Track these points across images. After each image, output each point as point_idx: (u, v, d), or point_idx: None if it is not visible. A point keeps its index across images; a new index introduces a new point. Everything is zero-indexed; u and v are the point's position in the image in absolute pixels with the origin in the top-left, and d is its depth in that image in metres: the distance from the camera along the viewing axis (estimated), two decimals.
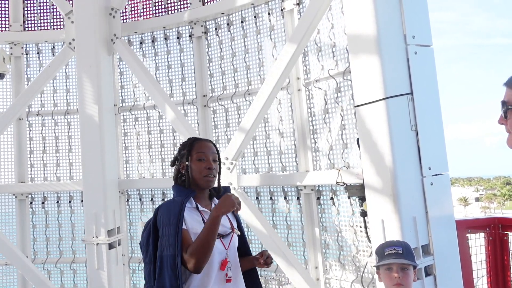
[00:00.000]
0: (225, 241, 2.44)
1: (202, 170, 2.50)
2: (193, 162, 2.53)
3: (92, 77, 4.78)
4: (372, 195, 3.07)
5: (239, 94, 4.64)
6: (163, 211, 2.42)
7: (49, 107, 5.63)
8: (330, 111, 3.94)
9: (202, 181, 2.51)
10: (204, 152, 2.54)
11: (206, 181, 2.51)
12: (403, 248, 2.39)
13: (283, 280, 4.41)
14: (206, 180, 2.51)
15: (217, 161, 2.60)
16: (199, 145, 2.58)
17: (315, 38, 4.04)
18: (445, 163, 3.13)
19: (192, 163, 2.53)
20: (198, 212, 2.46)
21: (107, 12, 4.95)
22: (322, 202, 4.12)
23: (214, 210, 2.33)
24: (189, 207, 2.45)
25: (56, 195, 5.54)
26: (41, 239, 5.54)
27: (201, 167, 2.50)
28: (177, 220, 2.33)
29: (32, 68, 5.66)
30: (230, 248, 2.46)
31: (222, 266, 2.38)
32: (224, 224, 2.49)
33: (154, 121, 5.19)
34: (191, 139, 2.66)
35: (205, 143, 2.62)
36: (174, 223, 2.33)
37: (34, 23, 5.64)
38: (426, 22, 3.18)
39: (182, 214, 2.35)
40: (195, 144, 2.58)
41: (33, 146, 5.63)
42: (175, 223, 2.32)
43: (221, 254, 2.41)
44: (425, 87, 3.08)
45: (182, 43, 5.03)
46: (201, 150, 2.55)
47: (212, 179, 2.53)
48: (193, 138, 2.70)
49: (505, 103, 1.41)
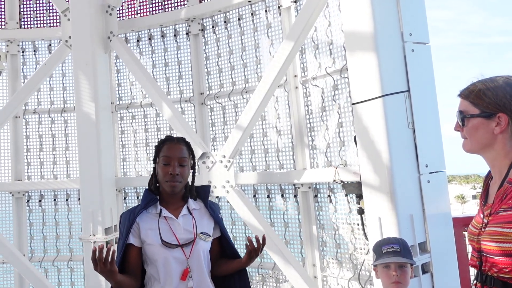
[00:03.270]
0: (187, 249, 2.33)
1: (165, 175, 2.38)
2: (159, 165, 2.42)
3: (89, 75, 4.76)
4: (369, 193, 3.08)
5: (236, 92, 4.63)
6: (122, 220, 2.44)
7: (45, 105, 5.61)
8: (327, 109, 3.94)
9: (165, 186, 2.40)
10: (169, 156, 2.40)
11: (169, 186, 2.39)
12: (401, 246, 2.39)
13: (281, 278, 4.41)
14: (169, 185, 2.38)
15: (185, 166, 2.42)
16: (166, 148, 2.44)
17: (312, 36, 4.03)
18: (442, 161, 3.13)
19: (158, 167, 2.43)
20: (159, 218, 2.37)
21: (103, 10, 4.93)
22: (319, 200, 4.12)
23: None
24: (152, 213, 2.40)
25: (53, 193, 5.52)
26: (38, 237, 5.53)
27: (165, 172, 2.38)
28: (126, 233, 2.34)
29: (29, 65, 5.64)
30: (193, 255, 2.33)
31: (183, 276, 2.29)
32: (189, 229, 2.38)
33: (151, 119, 5.18)
34: (162, 140, 2.52)
35: (173, 145, 2.45)
36: (124, 235, 2.36)
37: (30, 21, 5.61)
38: (423, 20, 3.18)
39: (131, 227, 2.34)
40: (163, 146, 2.45)
41: (29, 144, 5.61)
42: (124, 235, 2.35)
43: (182, 264, 2.31)
44: (422, 85, 3.08)
45: (179, 40, 5.02)
46: (166, 154, 2.41)
47: (175, 185, 2.38)
48: (164, 138, 2.55)
49: (462, 112, 1.64)
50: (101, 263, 2.08)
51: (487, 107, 1.58)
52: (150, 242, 2.32)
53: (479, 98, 1.60)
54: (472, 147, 1.64)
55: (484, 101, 1.59)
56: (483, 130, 1.59)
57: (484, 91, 1.60)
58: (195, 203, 2.52)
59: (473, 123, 1.61)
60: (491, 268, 1.54)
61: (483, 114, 1.59)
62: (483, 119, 1.59)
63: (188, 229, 2.38)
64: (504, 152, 1.58)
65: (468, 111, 1.62)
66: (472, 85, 1.64)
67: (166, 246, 2.31)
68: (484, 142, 1.60)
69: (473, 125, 1.61)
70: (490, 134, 1.58)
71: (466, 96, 1.64)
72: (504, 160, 1.59)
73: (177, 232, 2.35)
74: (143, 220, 2.38)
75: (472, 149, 1.64)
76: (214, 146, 4.79)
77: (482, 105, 1.59)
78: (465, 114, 1.63)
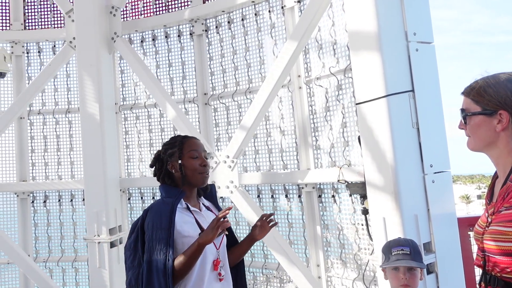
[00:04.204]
0: (217, 241, 2.41)
1: (197, 168, 2.46)
2: (186, 160, 2.46)
3: (93, 76, 4.78)
4: (373, 193, 3.06)
5: (240, 92, 4.63)
6: (152, 214, 2.36)
7: (50, 105, 5.63)
8: (331, 109, 3.93)
9: (197, 178, 2.46)
10: (197, 150, 2.50)
11: (202, 178, 2.47)
12: (411, 248, 2.35)
13: (285, 278, 4.41)
14: (202, 177, 2.47)
15: (208, 158, 2.58)
16: (191, 143, 2.52)
17: (316, 36, 4.03)
18: (447, 161, 3.11)
19: (186, 161, 2.46)
20: (189, 212, 2.42)
21: (107, 11, 4.94)
22: (323, 200, 4.11)
23: (200, 237, 2.23)
24: (180, 207, 2.41)
25: (57, 193, 5.54)
26: (42, 237, 5.55)
27: (196, 165, 2.46)
28: (169, 224, 2.29)
29: (33, 66, 5.66)
30: (221, 248, 2.46)
31: (215, 267, 2.38)
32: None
33: (155, 119, 5.18)
34: (179, 137, 2.58)
35: (195, 140, 2.56)
36: (165, 227, 2.29)
37: (35, 22, 5.64)
38: (427, 19, 3.16)
39: (173, 218, 2.31)
40: (186, 142, 2.52)
41: (34, 145, 5.64)
42: (166, 228, 2.28)
43: (213, 254, 2.40)
44: (427, 84, 3.06)
45: (182, 41, 5.02)
46: (194, 148, 2.50)
47: (207, 176, 2.50)
48: (181, 136, 2.62)
49: (464, 110, 1.62)
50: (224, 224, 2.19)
51: (488, 104, 1.56)
52: (187, 234, 2.33)
53: (480, 95, 1.58)
54: (476, 145, 1.62)
55: (484, 98, 1.57)
56: (485, 127, 1.57)
57: (485, 88, 1.58)
58: (205, 200, 2.62)
59: (475, 121, 1.59)
60: (494, 267, 1.52)
61: (484, 111, 1.57)
62: (485, 117, 1.57)
63: None
64: (507, 150, 1.56)
65: (470, 109, 1.61)
66: (474, 82, 1.62)
67: None
68: (487, 140, 1.58)
69: (475, 123, 1.59)
70: (492, 132, 1.56)
71: (468, 94, 1.62)
72: (508, 158, 1.57)
73: (205, 225, 2.38)
74: (177, 213, 2.37)
75: (476, 147, 1.62)
76: (218, 146, 4.79)
77: (483, 102, 1.57)
78: (467, 112, 1.61)
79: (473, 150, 1.64)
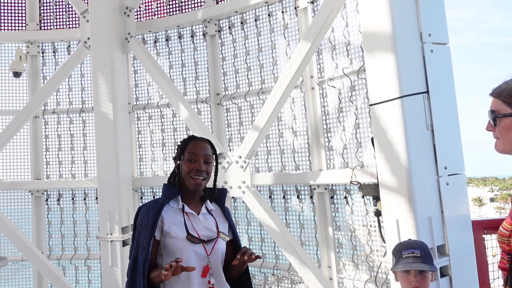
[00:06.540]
0: (208, 246, 2.35)
1: (190, 171, 2.40)
2: (184, 162, 2.43)
3: (107, 76, 4.82)
4: (386, 195, 3.05)
5: (252, 93, 4.63)
6: (143, 212, 2.39)
7: (64, 105, 5.70)
8: (344, 110, 3.92)
9: (189, 182, 2.41)
10: (196, 153, 2.43)
11: (193, 184, 2.40)
12: (422, 251, 2.33)
13: (296, 279, 4.40)
14: (193, 182, 2.40)
15: (210, 163, 2.47)
16: (193, 145, 2.47)
17: (329, 36, 4.02)
18: (461, 163, 3.09)
19: (183, 163, 2.44)
20: (182, 213, 2.39)
21: (121, 11, 4.99)
22: (335, 201, 4.10)
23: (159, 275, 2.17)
24: (173, 208, 2.41)
25: (71, 192, 5.60)
26: (56, 235, 5.62)
27: (190, 168, 2.40)
28: (152, 225, 2.30)
29: (48, 66, 5.73)
30: (213, 253, 2.36)
31: (203, 273, 2.31)
32: (210, 228, 2.41)
33: (168, 119, 5.21)
34: (188, 138, 2.56)
35: (199, 143, 2.49)
36: (149, 227, 2.31)
37: (50, 22, 5.71)
38: (442, 20, 3.14)
39: (157, 219, 2.32)
40: (189, 144, 2.48)
41: (48, 143, 5.70)
42: (150, 227, 2.31)
43: (203, 260, 2.33)
44: (442, 86, 3.04)
45: (195, 41, 5.05)
46: (193, 151, 2.44)
47: (199, 182, 2.40)
48: (190, 136, 2.59)
49: (493, 112, 1.59)
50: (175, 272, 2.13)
51: None
52: (174, 235, 2.32)
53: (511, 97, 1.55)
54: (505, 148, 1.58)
55: None
56: None
57: None
58: (212, 204, 2.54)
59: (505, 123, 1.56)
60: None
61: None
62: None
63: (209, 227, 2.40)
64: None
65: (500, 110, 1.57)
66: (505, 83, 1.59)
67: (189, 241, 2.32)
68: None
69: (505, 124, 1.56)
70: None
71: (498, 95, 1.58)
72: None
73: (199, 229, 2.37)
74: (166, 213, 2.38)
75: (505, 149, 1.59)
76: (230, 146, 4.81)
77: None
78: (497, 113, 1.57)
79: (502, 153, 1.60)
